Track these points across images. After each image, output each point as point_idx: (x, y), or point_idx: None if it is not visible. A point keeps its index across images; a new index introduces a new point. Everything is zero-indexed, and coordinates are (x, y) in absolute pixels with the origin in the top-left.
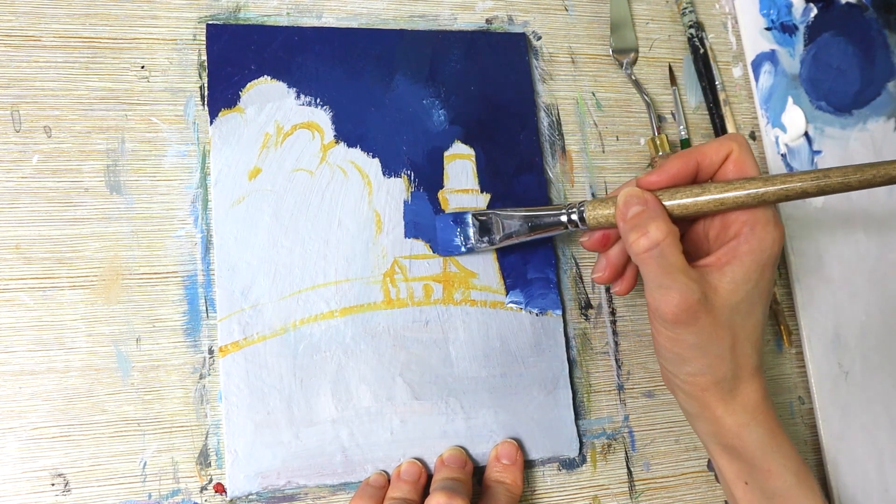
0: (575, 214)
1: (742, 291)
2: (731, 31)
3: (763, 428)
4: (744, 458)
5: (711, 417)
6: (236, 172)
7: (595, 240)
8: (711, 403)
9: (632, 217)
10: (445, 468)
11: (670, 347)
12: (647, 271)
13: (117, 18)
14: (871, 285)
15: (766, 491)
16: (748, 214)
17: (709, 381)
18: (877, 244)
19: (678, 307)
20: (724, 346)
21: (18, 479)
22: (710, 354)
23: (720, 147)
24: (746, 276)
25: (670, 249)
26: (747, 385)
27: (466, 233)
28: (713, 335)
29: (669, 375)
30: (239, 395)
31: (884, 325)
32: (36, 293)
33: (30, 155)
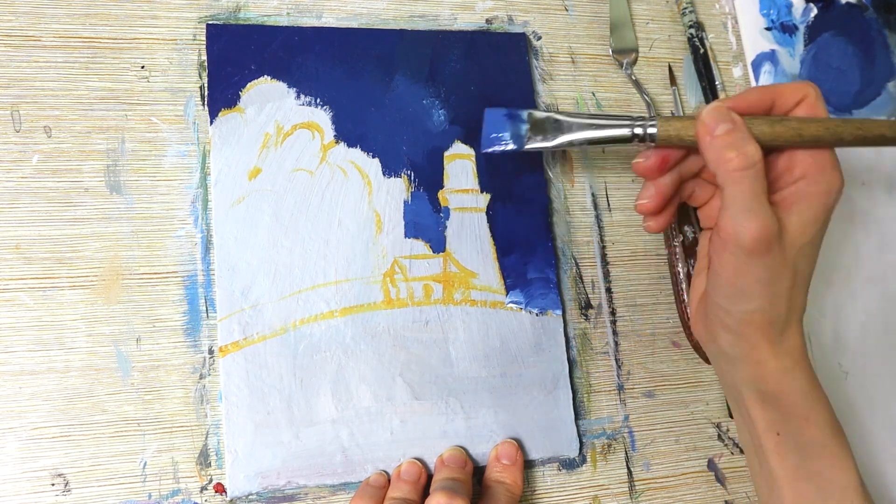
0: (645, 128)
1: (809, 233)
2: (731, 31)
3: (805, 374)
4: (782, 405)
5: (756, 360)
6: (236, 172)
7: (653, 163)
8: (760, 344)
9: (724, 134)
10: (445, 468)
11: (734, 281)
12: (736, 192)
13: (117, 18)
14: (871, 285)
15: (799, 442)
16: (815, 157)
17: (764, 320)
18: (877, 244)
19: (760, 233)
20: (784, 286)
21: (18, 479)
22: (771, 291)
23: (797, 89)
24: (815, 217)
25: (762, 174)
26: (794, 331)
27: (518, 130)
28: (779, 272)
29: (722, 314)
30: (239, 395)
31: (884, 325)
32: (36, 293)
33: (30, 155)
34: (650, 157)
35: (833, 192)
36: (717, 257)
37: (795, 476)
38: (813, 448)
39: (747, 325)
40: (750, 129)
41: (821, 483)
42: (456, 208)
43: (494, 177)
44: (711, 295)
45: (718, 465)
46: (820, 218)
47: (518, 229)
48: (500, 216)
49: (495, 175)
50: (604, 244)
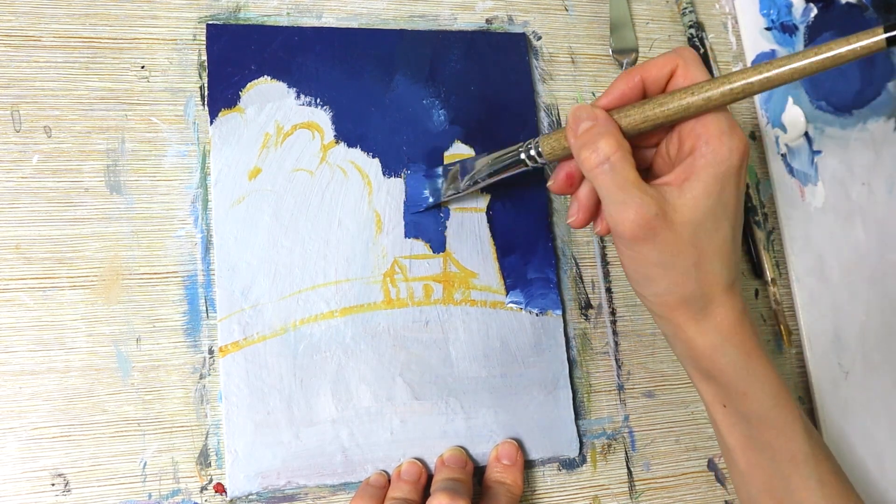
0: (532, 149)
1: (703, 207)
2: (731, 31)
3: (737, 350)
4: (719, 380)
5: (684, 338)
6: (236, 172)
7: (560, 181)
8: (682, 324)
9: (582, 133)
10: (446, 468)
11: (634, 267)
12: (600, 187)
13: (117, 18)
14: (871, 285)
15: (743, 414)
16: (702, 127)
17: (676, 299)
18: (877, 244)
19: (634, 222)
20: (688, 264)
21: (18, 479)
22: (674, 272)
23: (664, 62)
24: (706, 190)
25: (622, 164)
26: (719, 305)
27: (435, 186)
28: (676, 252)
29: (640, 298)
30: (239, 395)
31: (884, 325)
32: (36, 293)
33: (30, 155)
34: (557, 177)
35: (724, 160)
36: (616, 248)
37: (746, 446)
38: (757, 420)
39: (663, 306)
40: (618, 121)
41: (771, 453)
42: (456, 208)
43: None
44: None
45: (718, 465)
46: (712, 191)
47: (518, 229)
48: (500, 216)
49: None
50: (604, 244)
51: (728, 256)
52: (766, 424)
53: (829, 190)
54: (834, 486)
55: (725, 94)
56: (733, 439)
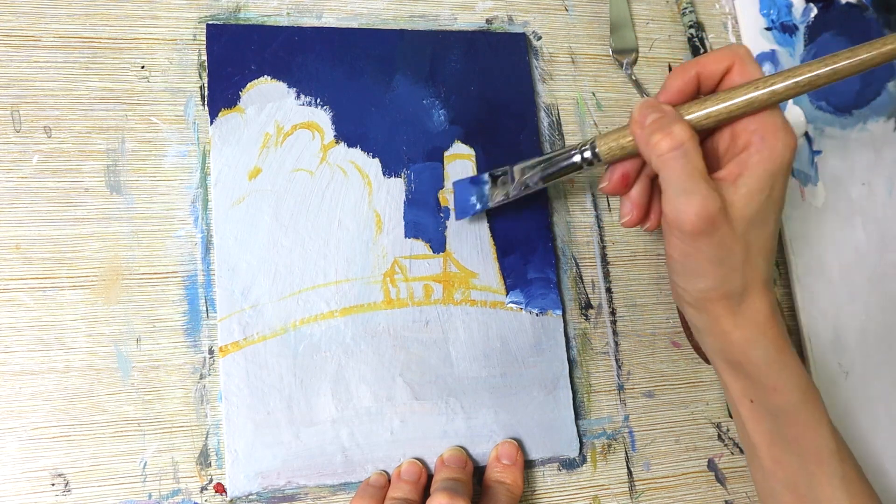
0: (588, 151)
1: (756, 203)
2: (731, 31)
3: (771, 343)
4: (750, 374)
5: (719, 332)
6: (236, 172)
7: (615, 181)
8: (720, 317)
9: (651, 122)
10: (446, 468)
11: (684, 261)
12: (669, 175)
13: (117, 18)
14: (871, 285)
15: (770, 409)
16: (757, 123)
17: (719, 295)
18: (877, 244)
19: (698, 215)
20: (737, 261)
21: (18, 479)
22: (724, 268)
23: (721, 57)
24: (760, 186)
25: (694, 152)
26: (756, 299)
27: (482, 191)
28: (729, 248)
29: (680, 290)
30: (239, 395)
31: (884, 325)
32: (36, 293)
33: (30, 155)
34: (612, 176)
35: (777, 157)
36: (666, 241)
37: (771, 441)
38: (785, 415)
39: (705, 300)
40: (681, 114)
41: (797, 449)
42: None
43: None
44: (669, 274)
45: (718, 465)
46: (764, 186)
47: (518, 229)
48: (500, 216)
49: None
50: (604, 244)
51: (770, 252)
52: (794, 420)
53: (829, 190)
54: (857, 484)
55: (790, 88)
56: (759, 435)
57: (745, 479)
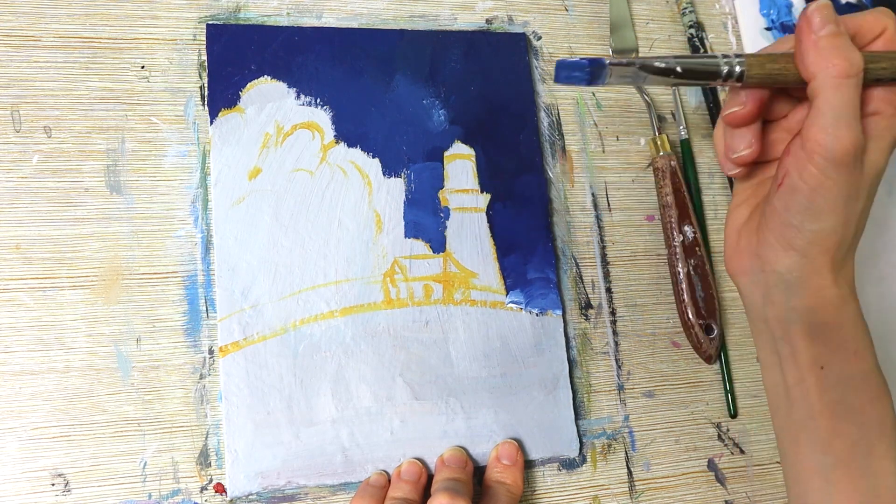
0: (738, 66)
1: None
2: (731, 31)
3: (857, 305)
4: (833, 338)
5: (816, 287)
6: (236, 172)
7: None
8: (822, 269)
9: (828, 35)
10: (446, 468)
11: (814, 196)
12: (835, 101)
13: (117, 18)
14: (871, 285)
15: (842, 377)
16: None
17: (833, 242)
18: (877, 244)
19: (852, 145)
20: (860, 207)
21: (18, 479)
22: (848, 210)
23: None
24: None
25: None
26: (851, 261)
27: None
28: (856, 192)
29: (791, 234)
30: (239, 395)
31: (884, 325)
32: (36, 293)
33: (30, 155)
34: (746, 103)
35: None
36: (799, 171)
37: (834, 412)
38: (856, 381)
39: (816, 245)
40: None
41: (861, 419)
42: (456, 208)
43: (494, 177)
44: (783, 213)
45: (718, 465)
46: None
47: (518, 229)
48: (500, 216)
49: (495, 175)
50: (604, 244)
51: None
52: (864, 388)
53: None
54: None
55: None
56: (822, 405)
57: (745, 479)
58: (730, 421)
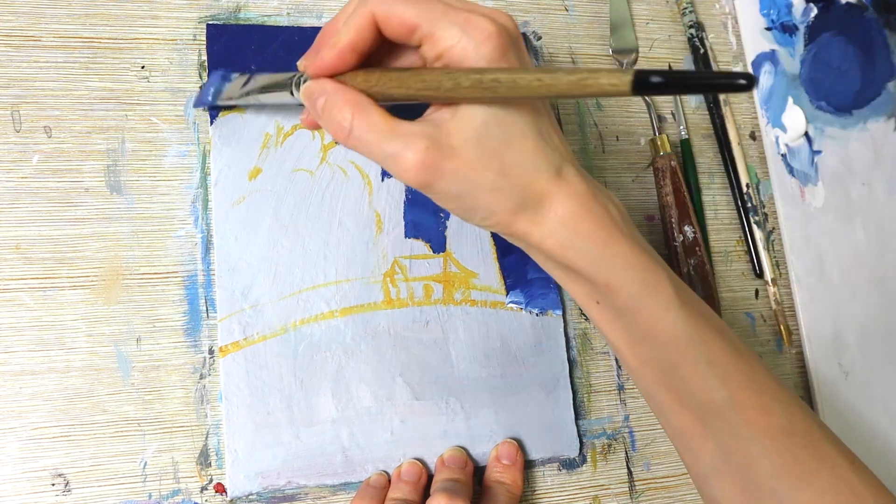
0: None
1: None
2: (731, 31)
3: (588, 240)
4: (583, 276)
5: (536, 244)
6: (236, 172)
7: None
8: (527, 232)
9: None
10: (446, 469)
11: (451, 207)
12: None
13: (117, 18)
14: (871, 285)
15: (618, 307)
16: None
17: (506, 214)
18: (877, 244)
19: (414, 168)
20: (492, 177)
21: (18, 479)
22: (483, 193)
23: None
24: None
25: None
26: (553, 198)
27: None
28: (472, 175)
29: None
30: (239, 395)
31: (884, 325)
32: (36, 293)
33: (30, 155)
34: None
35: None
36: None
37: (630, 341)
38: (630, 310)
39: (500, 226)
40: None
41: (654, 343)
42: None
43: None
44: None
45: None
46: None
47: None
48: None
49: None
50: None
51: (534, 147)
52: (640, 315)
53: (829, 190)
54: (727, 364)
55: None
56: (615, 336)
57: None
58: None
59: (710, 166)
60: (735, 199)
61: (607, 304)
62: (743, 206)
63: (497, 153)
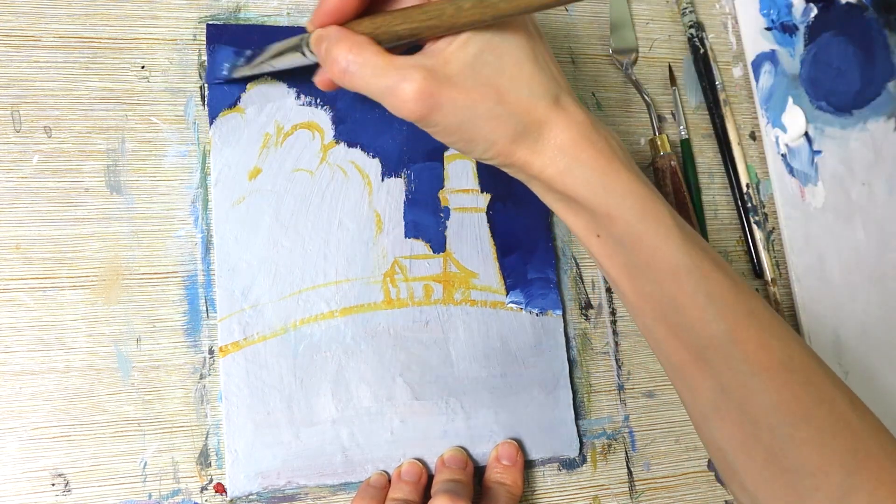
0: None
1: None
2: (731, 31)
3: (588, 168)
4: (583, 207)
5: (537, 175)
6: (236, 172)
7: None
8: (527, 161)
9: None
10: (446, 469)
11: (450, 140)
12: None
13: (117, 18)
14: (871, 285)
15: (617, 239)
16: None
17: (506, 143)
18: (877, 244)
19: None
20: (489, 105)
21: (19, 479)
22: (482, 122)
23: None
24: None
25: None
26: (552, 126)
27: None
28: (470, 103)
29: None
30: (239, 395)
31: (884, 325)
32: (36, 293)
33: (30, 155)
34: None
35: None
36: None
37: (629, 274)
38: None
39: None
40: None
41: (653, 275)
42: (456, 208)
43: (494, 177)
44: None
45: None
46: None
47: (518, 229)
48: (500, 216)
49: (495, 175)
50: None
51: (531, 74)
52: (640, 244)
53: (829, 190)
54: (726, 297)
55: None
56: (615, 270)
57: None
58: None
59: (710, 166)
60: (735, 199)
61: (608, 237)
62: (743, 206)
63: (493, 80)
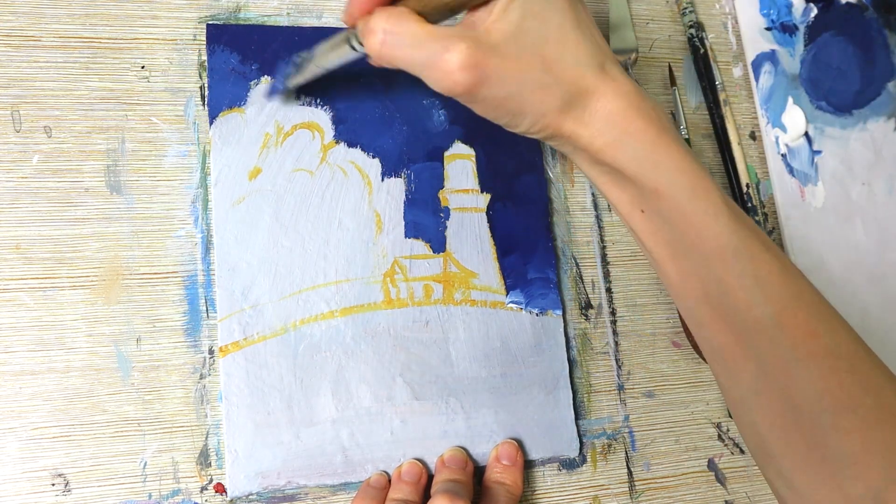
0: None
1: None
2: (731, 31)
3: (636, 140)
4: (630, 181)
5: (583, 148)
6: (236, 172)
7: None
8: (574, 132)
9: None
10: (446, 469)
11: (496, 114)
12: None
13: (117, 18)
14: (871, 285)
15: (664, 216)
16: None
17: (554, 115)
18: (877, 244)
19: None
20: (536, 75)
21: (18, 479)
22: (529, 92)
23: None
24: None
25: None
26: (600, 96)
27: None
28: (517, 73)
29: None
30: (239, 396)
31: (884, 325)
32: (36, 293)
33: (30, 155)
34: None
35: None
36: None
37: (674, 253)
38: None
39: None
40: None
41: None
42: (456, 208)
43: (494, 177)
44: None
45: (718, 465)
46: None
47: (518, 229)
48: (500, 216)
49: (495, 175)
50: (604, 244)
51: (576, 42)
52: (687, 221)
53: (829, 190)
54: (774, 280)
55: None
56: (659, 248)
57: (746, 478)
58: (730, 421)
59: (710, 166)
60: (735, 199)
61: (653, 212)
62: (743, 206)
63: (538, 48)
